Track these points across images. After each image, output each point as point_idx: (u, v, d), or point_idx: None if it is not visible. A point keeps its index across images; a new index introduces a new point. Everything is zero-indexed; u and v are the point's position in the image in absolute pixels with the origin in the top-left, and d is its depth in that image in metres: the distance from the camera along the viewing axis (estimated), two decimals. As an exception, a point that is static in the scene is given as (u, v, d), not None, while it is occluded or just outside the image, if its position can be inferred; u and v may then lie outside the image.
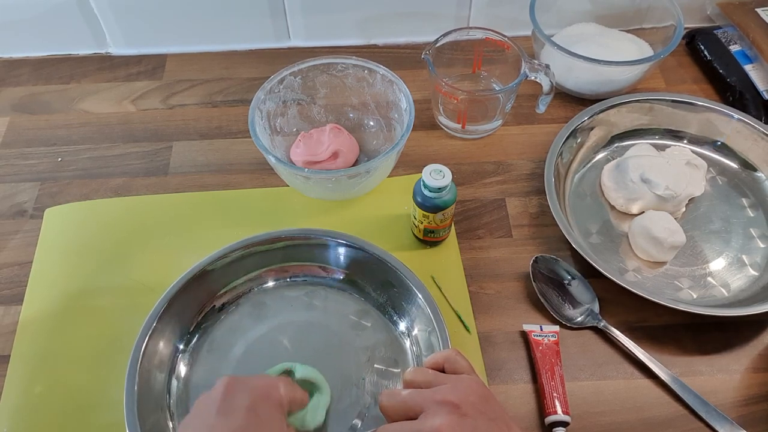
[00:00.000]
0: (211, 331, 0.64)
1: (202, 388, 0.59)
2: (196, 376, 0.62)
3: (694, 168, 0.74)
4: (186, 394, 0.61)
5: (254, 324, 0.65)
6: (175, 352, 0.62)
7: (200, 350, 0.63)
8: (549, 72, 0.74)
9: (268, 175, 0.77)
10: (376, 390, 0.61)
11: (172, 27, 0.89)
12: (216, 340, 0.64)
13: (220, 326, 0.64)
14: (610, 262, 0.69)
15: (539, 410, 0.61)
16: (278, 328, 0.64)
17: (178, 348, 0.62)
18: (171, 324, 0.61)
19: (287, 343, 0.63)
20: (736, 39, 0.87)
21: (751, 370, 0.63)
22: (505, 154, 0.79)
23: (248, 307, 0.66)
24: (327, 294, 0.67)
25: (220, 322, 0.65)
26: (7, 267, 0.70)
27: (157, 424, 0.57)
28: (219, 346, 0.63)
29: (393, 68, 0.74)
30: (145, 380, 0.57)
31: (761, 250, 0.71)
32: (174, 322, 0.62)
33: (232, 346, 0.63)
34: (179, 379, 0.61)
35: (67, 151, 0.80)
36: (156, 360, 0.60)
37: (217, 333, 0.64)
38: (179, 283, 0.62)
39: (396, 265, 0.63)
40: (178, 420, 0.59)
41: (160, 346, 0.60)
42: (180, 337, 0.63)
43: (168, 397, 0.60)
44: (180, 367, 0.62)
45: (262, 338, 0.64)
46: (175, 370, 0.61)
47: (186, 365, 0.62)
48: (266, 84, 0.73)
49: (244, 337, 0.64)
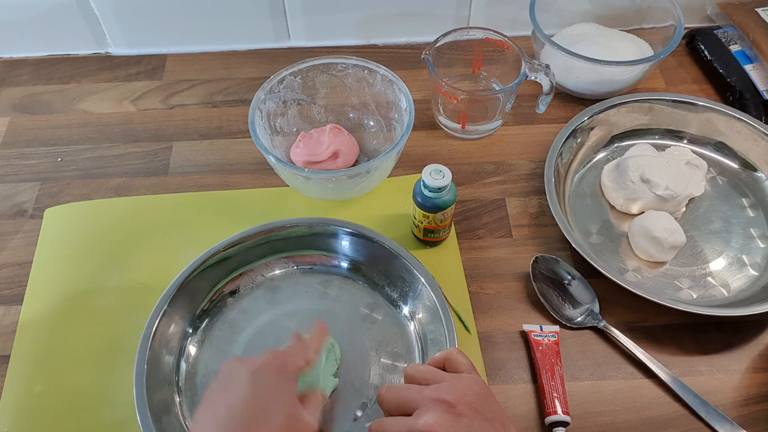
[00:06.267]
0: (225, 313, 0.65)
1: (212, 367, 0.62)
2: (205, 355, 0.63)
3: (694, 168, 0.74)
4: (194, 371, 0.62)
5: (267, 308, 0.66)
6: (185, 334, 0.63)
7: (211, 331, 0.64)
8: (549, 72, 0.74)
9: (268, 175, 0.77)
10: (380, 383, 0.61)
11: (172, 27, 0.89)
12: (227, 323, 0.65)
13: (233, 309, 0.66)
14: (610, 262, 0.69)
15: (539, 410, 0.61)
16: (289, 314, 0.65)
17: (187, 331, 0.63)
18: (182, 307, 0.63)
19: (297, 329, 0.63)
20: (736, 39, 0.87)
21: (751, 370, 0.63)
22: (505, 154, 0.79)
23: (262, 291, 0.67)
24: (341, 284, 0.67)
25: (233, 305, 0.66)
26: (7, 267, 0.70)
27: (163, 400, 0.58)
28: (230, 329, 0.64)
29: (393, 68, 0.74)
30: (155, 356, 0.59)
31: (761, 250, 0.71)
32: (185, 305, 0.63)
33: (243, 329, 0.64)
34: (188, 359, 0.62)
35: (67, 151, 0.80)
36: (165, 340, 0.61)
37: (230, 316, 0.65)
38: (191, 267, 0.63)
39: (411, 262, 0.64)
40: (185, 395, 0.60)
41: (171, 327, 0.62)
42: (190, 321, 0.64)
43: (177, 374, 0.61)
44: (189, 348, 0.63)
45: (272, 323, 0.65)
46: (184, 351, 0.63)
47: (195, 346, 0.63)
48: (266, 84, 0.73)
49: (255, 321, 0.65)
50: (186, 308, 0.63)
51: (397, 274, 0.65)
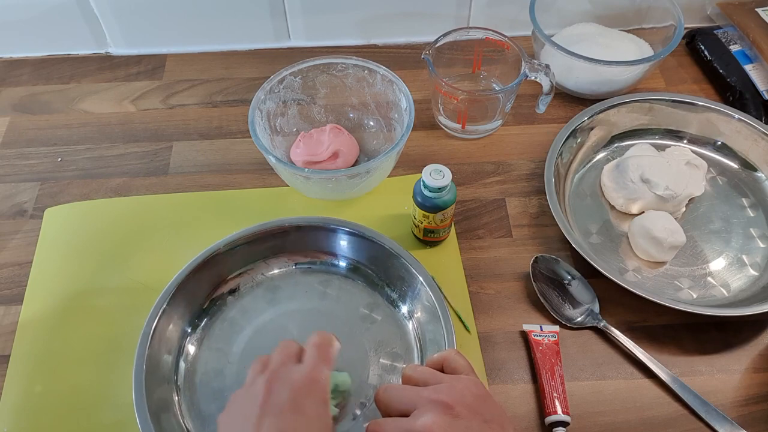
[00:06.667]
0: (224, 312, 0.65)
1: (210, 366, 0.62)
2: (204, 354, 0.63)
3: (694, 168, 0.74)
4: (194, 370, 0.62)
5: (266, 308, 0.66)
6: (184, 333, 0.63)
7: (210, 331, 0.64)
8: (549, 72, 0.74)
9: (268, 175, 0.77)
10: (379, 383, 0.61)
11: (172, 27, 0.89)
12: (227, 322, 0.65)
13: (233, 309, 0.66)
14: (610, 262, 0.69)
15: (539, 410, 0.61)
16: (289, 313, 0.65)
17: (186, 330, 0.63)
18: (181, 306, 0.63)
19: (296, 328, 0.64)
20: (736, 39, 0.87)
21: (751, 370, 0.63)
22: (505, 154, 0.79)
23: (262, 291, 0.67)
24: (341, 284, 0.67)
25: (232, 304, 0.66)
26: (7, 267, 0.70)
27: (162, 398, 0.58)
28: (229, 328, 0.64)
29: (393, 68, 0.74)
30: (154, 355, 0.59)
31: (761, 250, 0.71)
32: (184, 304, 0.63)
33: (242, 328, 0.64)
34: (187, 358, 0.62)
35: (67, 151, 0.80)
36: (164, 339, 0.61)
37: (229, 315, 0.65)
38: (190, 266, 0.63)
39: (410, 262, 0.64)
40: (184, 394, 0.60)
41: (170, 326, 0.62)
42: (189, 319, 0.64)
43: (176, 373, 0.61)
44: (188, 347, 0.63)
45: (271, 322, 0.65)
46: (183, 350, 0.63)
47: (194, 345, 0.63)
48: (266, 84, 0.73)
49: (255, 320, 0.65)
50: (185, 307, 0.63)
51: (396, 274, 0.65)
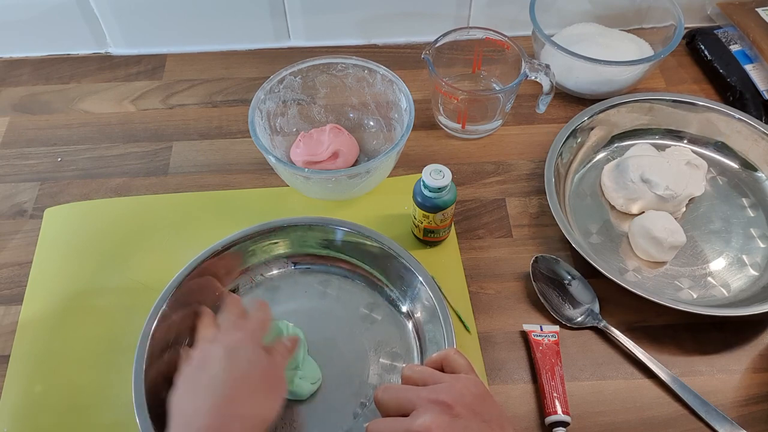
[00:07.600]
0: None
1: None
2: None
3: (694, 168, 0.74)
4: None
5: None
6: None
7: None
8: (549, 72, 0.74)
9: (268, 175, 0.77)
10: (379, 383, 0.61)
11: (172, 27, 0.89)
12: None
13: None
14: (610, 262, 0.69)
15: (539, 410, 0.61)
16: (289, 313, 0.65)
17: None
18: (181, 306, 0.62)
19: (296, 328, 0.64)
20: (737, 39, 0.87)
21: (751, 370, 0.63)
22: (505, 154, 0.79)
23: (261, 291, 0.67)
24: (340, 284, 0.67)
25: None
26: (7, 267, 0.70)
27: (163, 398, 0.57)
28: None
29: (393, 68, 0.74)
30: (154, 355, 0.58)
31: (761, 250, 0.71)
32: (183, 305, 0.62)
33: None
34: None
35: (67, 151, 0.80)
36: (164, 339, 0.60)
37: None
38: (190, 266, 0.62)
39: (410, 262, 0.64)
40: None
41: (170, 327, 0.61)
42: None
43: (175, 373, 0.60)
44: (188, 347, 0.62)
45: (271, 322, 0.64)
46: None
47: None
48: (266, 84, 0.73)
49: None
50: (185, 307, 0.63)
51: (396, 274, 0.65)
